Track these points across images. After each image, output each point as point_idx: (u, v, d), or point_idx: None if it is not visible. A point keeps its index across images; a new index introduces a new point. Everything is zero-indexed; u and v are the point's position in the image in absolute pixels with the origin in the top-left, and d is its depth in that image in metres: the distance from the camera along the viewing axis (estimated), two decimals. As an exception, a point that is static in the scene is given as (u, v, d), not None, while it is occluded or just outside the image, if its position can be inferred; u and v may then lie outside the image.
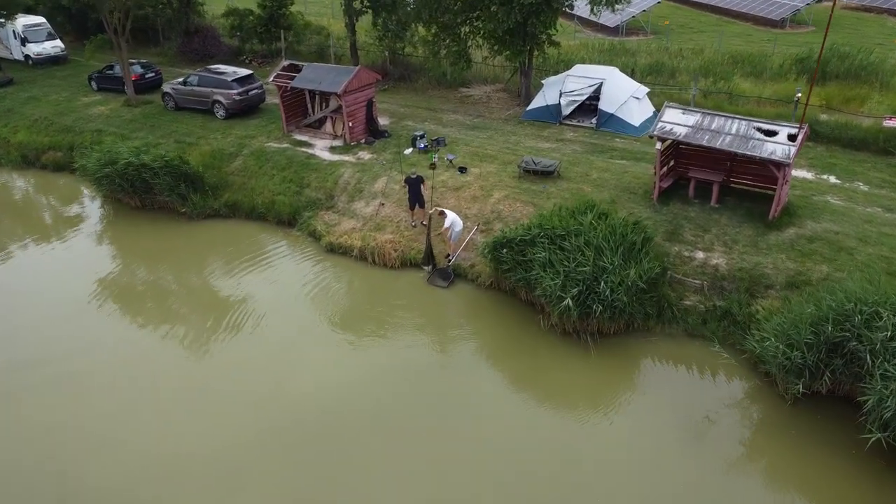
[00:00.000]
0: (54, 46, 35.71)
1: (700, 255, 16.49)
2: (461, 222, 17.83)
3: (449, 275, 17.74)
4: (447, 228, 17.56)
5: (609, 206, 17.11)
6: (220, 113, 26.43)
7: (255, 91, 26.87)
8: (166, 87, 27.82)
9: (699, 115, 17.57)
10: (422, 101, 28.64)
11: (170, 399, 14.09)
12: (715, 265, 16.14)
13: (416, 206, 19.18)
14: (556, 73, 27.67)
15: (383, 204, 20.26)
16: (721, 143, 16.70)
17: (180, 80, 27.69)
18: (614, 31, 41.48)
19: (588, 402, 13.91)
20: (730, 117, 17.32)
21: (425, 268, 18.13)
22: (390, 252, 18.44)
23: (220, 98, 26.20)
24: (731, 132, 16.84)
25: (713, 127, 17.09)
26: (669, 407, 13.49)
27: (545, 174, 20.20)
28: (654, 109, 24.94)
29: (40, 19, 36.34)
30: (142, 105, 28.45)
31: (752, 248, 16.29)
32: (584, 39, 38.53)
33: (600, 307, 14.32)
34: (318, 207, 20.80)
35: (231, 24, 35.35)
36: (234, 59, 34.35)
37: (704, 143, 16.83)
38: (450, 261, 17.96)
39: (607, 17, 41.38)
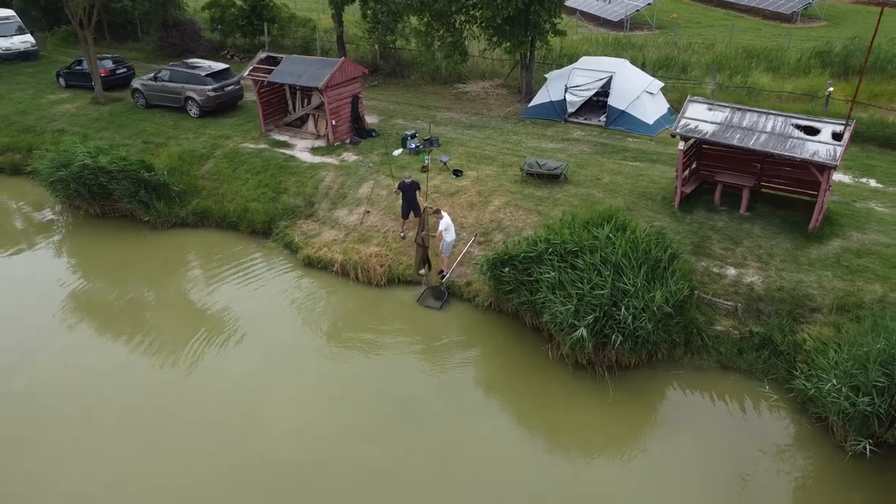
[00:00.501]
0: (24, 41, 33.44)
1: (731, 271, 14.31)
2: (454, 233, 15.64)
3: (442, 294, 15.53)
4: (441, 232, 15.30)
5: (625, 215, 14.93)
6: (194, 111, 24.20)
7: (232, 87, 24.63)
8: (136, 84, 25.58)
9: (728, 110, 15.41)
10: (414, 97, 26.45)
11: (113, 432, 11.90)
12: (749, 284, 13.96)
13: (411, 215, 16.92)
14: (559, 66, 25.50)
15: (369, 211, 18.05)
16: (755, 142, 14.53)
17: (151, 75, 25.46)
18: (618, 25, 39.52)
19: (604, 447, 11.74)
20: (764, 113, 15.15)
21: (421, 272, 15.94)
22: (376, 267, 16.20)
23: (194, 95, 23.96)
24: (765, 130, 14.67)
25: (745, 124, 14.92)
26: (699, 455, 11.32)
27: (551, 177, 18.02)
28: (668, 106, 22.79)
29: (9, 12, 34.10)
30: (110, 103, 26.23)
31: (791, 264, 14.13)
32: (588, 34, 36.53)
33: (620, 336, 12.12)
34: (296, 215, 18.57)
35: (212, 17, 33.29)
36: (214, 53, 32.33)
37: (735, 142, 14.67)
38: (443, 277, 15.77)
39: (611, 11, 39.51)
